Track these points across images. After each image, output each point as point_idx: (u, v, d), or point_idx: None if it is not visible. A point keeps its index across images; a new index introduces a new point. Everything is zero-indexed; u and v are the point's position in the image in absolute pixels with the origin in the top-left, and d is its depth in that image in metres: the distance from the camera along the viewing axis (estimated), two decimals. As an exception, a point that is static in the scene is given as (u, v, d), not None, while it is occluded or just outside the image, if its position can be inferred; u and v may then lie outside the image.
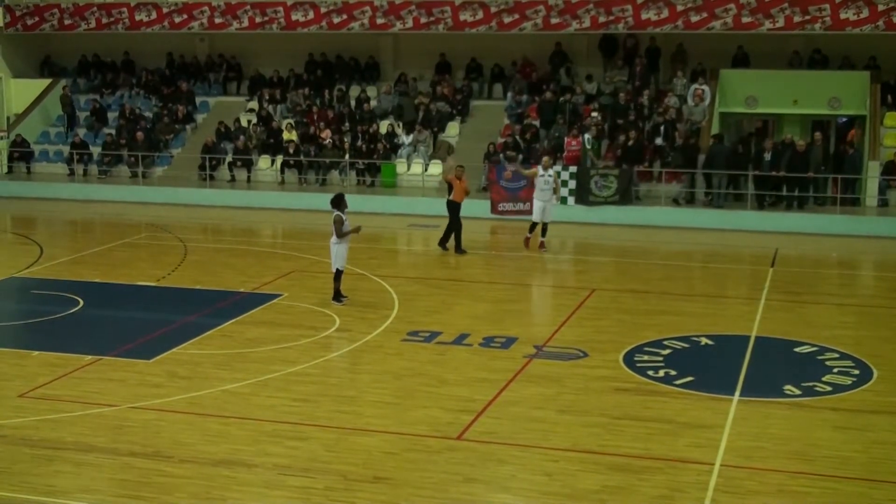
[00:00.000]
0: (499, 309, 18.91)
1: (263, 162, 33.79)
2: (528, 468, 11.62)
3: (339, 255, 18.80)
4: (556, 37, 33.56)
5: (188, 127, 36.03)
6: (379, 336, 16.95)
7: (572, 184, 29.04)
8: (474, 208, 29.21)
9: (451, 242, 23.77)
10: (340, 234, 18.62)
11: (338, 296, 18.91)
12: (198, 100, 36.99)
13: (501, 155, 30.57)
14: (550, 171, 23.93)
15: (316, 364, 15.43)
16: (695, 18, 31.39)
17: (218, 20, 35.74)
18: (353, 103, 34.73)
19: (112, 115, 36.73)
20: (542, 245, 23.88)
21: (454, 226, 23.80)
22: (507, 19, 32.94)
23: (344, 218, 18.67)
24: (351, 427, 12.84)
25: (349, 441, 12.38)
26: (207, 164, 32.98)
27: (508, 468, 11.64)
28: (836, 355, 15.91)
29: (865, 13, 30.08)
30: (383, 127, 33.37)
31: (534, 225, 23.92)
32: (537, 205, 23.80)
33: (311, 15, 34.76)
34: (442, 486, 11.08)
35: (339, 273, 18.91)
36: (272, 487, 11.08)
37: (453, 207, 23.77)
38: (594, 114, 31.04)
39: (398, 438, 12.43)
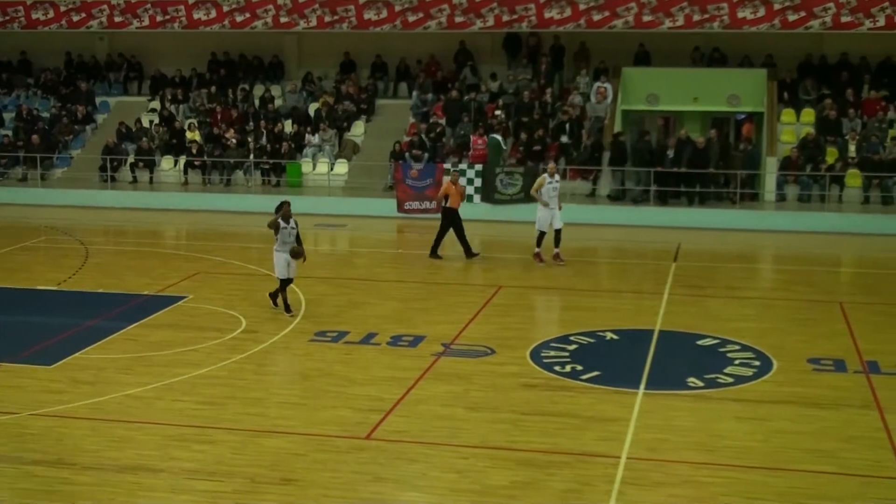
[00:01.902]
0: (406, 307, 18.92)
1: (166, 162, 33.34)
2: (437, 466, 11.64)
3: (275, 264, 18.08)
4: (461, 35, 33.68)
5: (88, 128, 35.40)
6: (286, 337, 16.84)
7: (478, 182, 29.18)
8: (380, 207, 29.27)
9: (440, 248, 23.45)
10: (269, 225, 17.90)
11: (284, 304, 18.15)
12: (98, 100, 36.37)
13: (407, 154, 30.59)
14: (557, 178, 22.73)
15: (222, 366, 15.26)
16: (597, 17, 31.75)
17: (118, 19, 35.15)
18: (257, 102, 34.46)
19: (8, 116, 35.92)
20: (557, 256, 22.41)
21: (442, 230, 23.11)
22: (411, 18, 32.96)
23: (281, 225, 17.76)
24: (258, 429, 12.73)
25: (257, 443, 12.27)
26: (108, 165, 32.41)
27: (418, 466, 11.65)
28: (738, 347, 16.22)
29: (762, 12, 30.75)
30: (288, 126, 33.16)
31: (541, 235, 22.55)
32: (544, 214, 22.39)
33: (213, 14, 34.37)
34: (351, 486, 11.04)
35: (282, 283, 18.10)
36: (179, 492, 10.94)
37: (449, 214, 23.04)
38: (498, 112, 31.24)
39: (306, 439, 12.36)
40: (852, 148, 29.49)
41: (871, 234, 26.63)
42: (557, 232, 22.35)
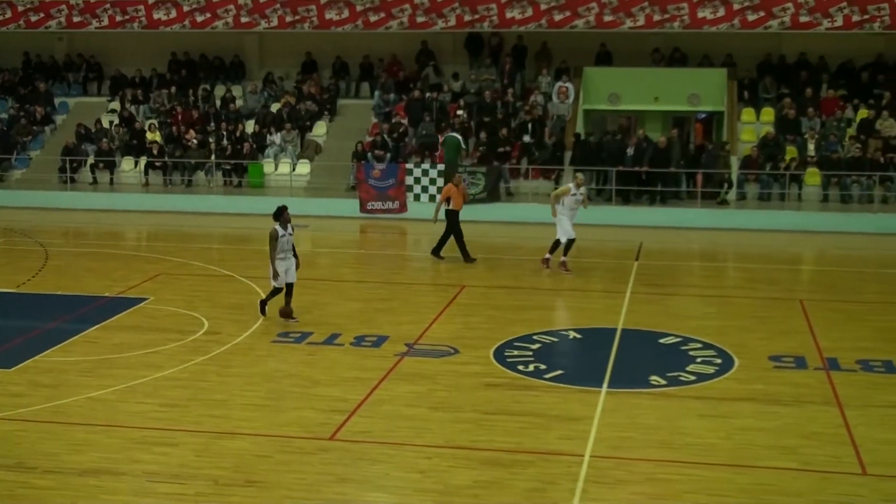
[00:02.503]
0: (369, 308, 18.89)
1: (127, 163, 33.11)
2: (401, 466, 11.63)
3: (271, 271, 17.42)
4: (423, 35, 33.68)
5: (47, 128, 35.07)
6: (249, 338, 16.76)
7: (441, 182, 29.16)
8: (343, 207, 29.22)
9: (441, 251, 23.01)
10: (271, 250, 17.16)
11: (261, 305, 17.75)
12: (57, 100, 36.08)
13: (370, 154, 30.55)
14: (583, 190, 21.88)
15: (184, 368, 15.17)
16: (558, 17, 31.86)
17: (77, 19, 34.88)
18: (218, 103, 34.29)
19: (-34, 117, 35.57)
20: (564, 265, 21.58)
21: (455, 234, 22.64)
22: (373, 18, 32.94)
23: (279, 233, 17.09)
24: (221, 431, 12.66)
25: (220, 445, 12.20)
26: (68, 166, 32.14)
27: (381, 467, 11.63)
28: (700, 345, 16.32)
29: (722, 12, 30.98)
30: (249, 126, 33.03)
31: (556, 244, 21.68)
32: (566, 224, 21.49)
33: (173, 13, 34.18)
34: (315, 488, 11.01)
35: (275, 290, 17.59)
36: (141, 495, 10.86)
37: (452, 216, 22.56)
38: (460, 112, 31.27)
39: (270, 441, 12.31)
40: (811, 147, 29.75)
41: (830, 232, 26.87)
42: (570, 241, 21.63)
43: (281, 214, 17.23)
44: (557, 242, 21.68)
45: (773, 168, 29.08)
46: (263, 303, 17.88)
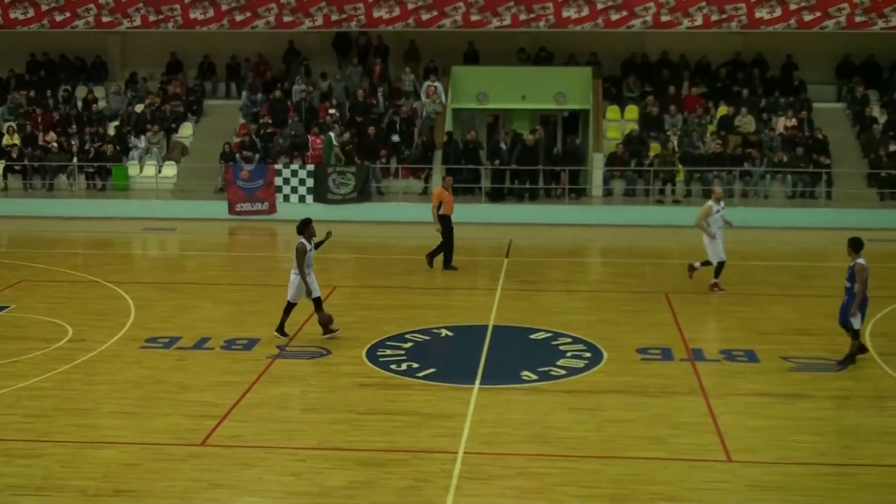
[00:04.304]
0: (240, 311, 18.68)
1: (-16, 168, 32.08)
2: (274, 469, 11.53)
3: (292, 285, 16.42)
4: (290, 35, 33.44)
5: None
6: (115, 344, 16.40)
7: (310, 182, 29.05)
8: (211, 210, 28.82)
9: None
10: (299, 265, 16.21)
11: (281, 329, 16.64)
12: None
13: (238, 155, 30.20)
14: (722, 204, 20.42)
15: (49, 377, 14.76)
16: (425, 16, 31.97)
17: (-72, 18, 33.65)
18: (79, 104, 33.47)
19: None
20: (716, 286, 20.18)
21: (448, 240, 21.97)
22: (238, 17, 32.55)
23: (308, 247, 16.22)
24: (88, 440, 12.37)
25: (87, 455, 11.91)
26: (-79, 171, 31.01)
27: (255, 471, 11.51)
28: (569, 340, 16.57)
29: (586, 12, 31.50)
30: (112, 128, 32.33)
31: (708, 263, 20.33)
32: (717, 244, 20.08)
33: (31, 13, 33.22)
34: (187, 495, 10.85)
35: (289, 305, 16.58)
36: (4, 509, 10.56)
37: (445, 220, 21.81)
38: (332, 111, 31.15)
39: (139, 449, 12.07)
40: (674, 143, 30.46)
41: (693, 226, 27.43)
42: (721, 264, 20.24)
43: (306, 227, 16.28)
44: (708, 263, 20.41)
45: (638, 164, 29.69)
46: (280, 327, 16.69)
